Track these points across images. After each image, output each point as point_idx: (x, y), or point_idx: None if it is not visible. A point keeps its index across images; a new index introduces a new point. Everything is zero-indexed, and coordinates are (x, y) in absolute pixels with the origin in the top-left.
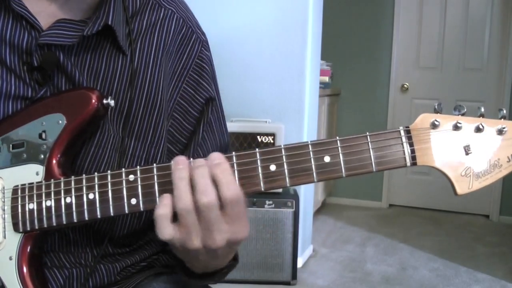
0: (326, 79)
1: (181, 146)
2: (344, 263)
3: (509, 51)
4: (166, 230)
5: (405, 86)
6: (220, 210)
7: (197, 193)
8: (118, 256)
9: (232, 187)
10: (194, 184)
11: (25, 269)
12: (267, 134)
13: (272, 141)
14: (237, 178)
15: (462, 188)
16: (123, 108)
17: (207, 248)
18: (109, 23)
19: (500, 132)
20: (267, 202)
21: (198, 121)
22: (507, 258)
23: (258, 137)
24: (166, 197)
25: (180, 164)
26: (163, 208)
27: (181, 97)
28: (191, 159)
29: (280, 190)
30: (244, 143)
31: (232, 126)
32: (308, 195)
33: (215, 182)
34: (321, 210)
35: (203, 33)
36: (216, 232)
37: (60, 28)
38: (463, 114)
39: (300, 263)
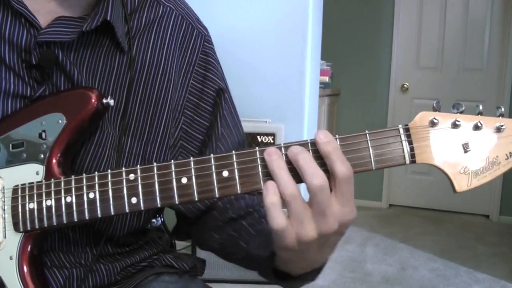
0: (326, 79)
1: (198, 143)
2: (344, 263)
3: (509, 51)
4: (279, 219)
5: (405, 86)
6: (331, 192)
7: (308, 177)
8: (118, 256)
9: (346, 163)
10: (300, 169)
11: (25, 269)
12: (267, 134)
13: (272, 141)
14: (237, 177)
15: (460, 185)
16: (120, 105)
17: (320, 235)
18: (108, 18)
19: (498, 129)
20: None
21: (213, 115)
22: (507, 258)
23: (258, 137)
24: (272, 184)
25: (273, 155)
26: (272, 196)
27: (190, 93)
28: (281, 147)
29: None
30: None
31: None
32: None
33: (325, 162)
34: None
35: (205, 28)
36: (329, 215)
37: (59, 25)
38: (461, 112)
39: None
